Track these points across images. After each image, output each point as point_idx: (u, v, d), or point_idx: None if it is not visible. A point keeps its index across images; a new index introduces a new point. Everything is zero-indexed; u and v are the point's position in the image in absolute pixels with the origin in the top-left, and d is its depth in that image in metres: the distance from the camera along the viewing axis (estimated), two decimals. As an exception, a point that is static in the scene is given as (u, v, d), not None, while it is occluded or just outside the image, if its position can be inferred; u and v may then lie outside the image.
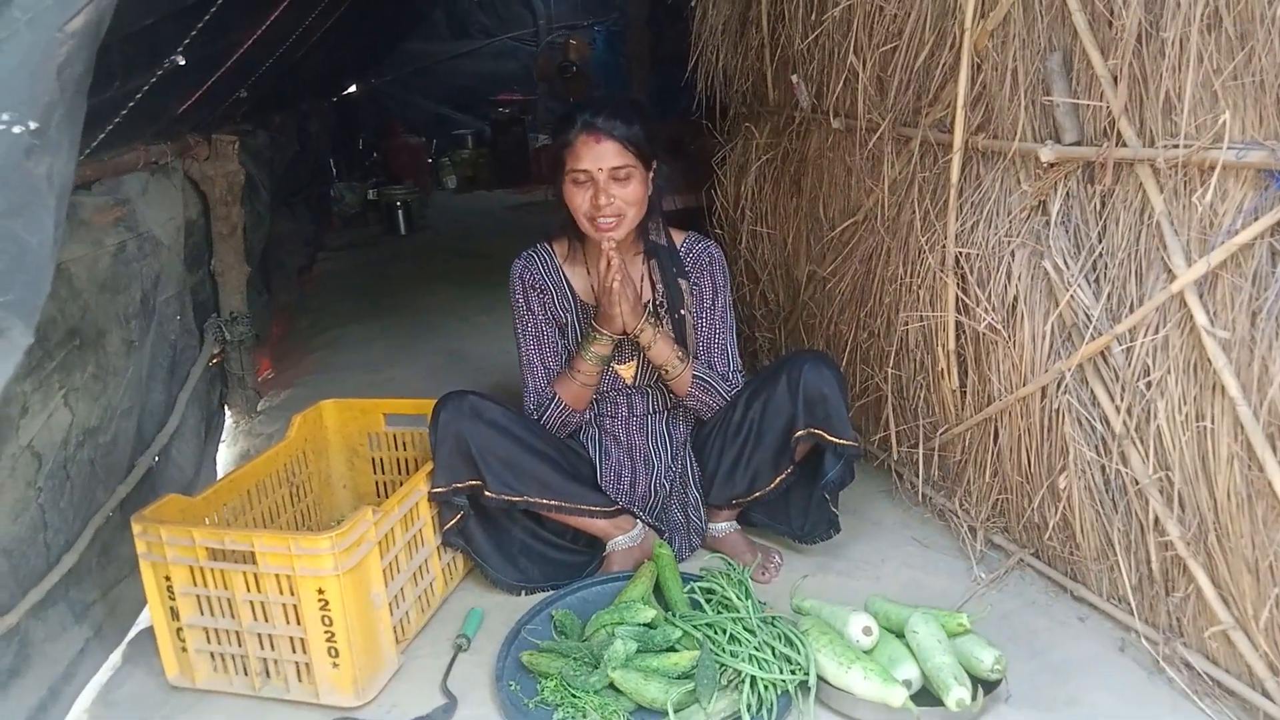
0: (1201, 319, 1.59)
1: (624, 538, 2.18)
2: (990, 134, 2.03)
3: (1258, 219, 1.48)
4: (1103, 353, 1.82)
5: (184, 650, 1.88)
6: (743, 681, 1.70)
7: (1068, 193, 1.87)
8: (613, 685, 1.74)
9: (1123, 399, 1.78)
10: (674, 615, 1.88)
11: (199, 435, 2.68)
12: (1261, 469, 1.52)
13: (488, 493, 2.03)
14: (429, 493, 2.04)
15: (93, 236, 2.05)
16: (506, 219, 7.24)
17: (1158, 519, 1.74)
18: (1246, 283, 1.52)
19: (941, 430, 2.30)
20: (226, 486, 2.07)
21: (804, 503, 2.21)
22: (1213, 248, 1.56)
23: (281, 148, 4.47)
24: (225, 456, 3.07)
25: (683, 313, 2.16)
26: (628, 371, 2.20)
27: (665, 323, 2.15)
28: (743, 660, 1.72)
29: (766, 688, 1.68)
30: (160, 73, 1.94)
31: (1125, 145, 1.70)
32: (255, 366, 3.44)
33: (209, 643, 1.87)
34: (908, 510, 2.47)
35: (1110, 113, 1.72)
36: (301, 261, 5.24)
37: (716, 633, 1.80)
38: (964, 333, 2.18)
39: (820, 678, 1.71)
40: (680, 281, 2.17)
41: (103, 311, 2.03)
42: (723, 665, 1.73)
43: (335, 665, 1.78)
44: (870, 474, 2.63)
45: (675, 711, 1.67)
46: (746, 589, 1.91)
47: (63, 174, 1.00)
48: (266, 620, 1.80)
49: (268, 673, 1.86)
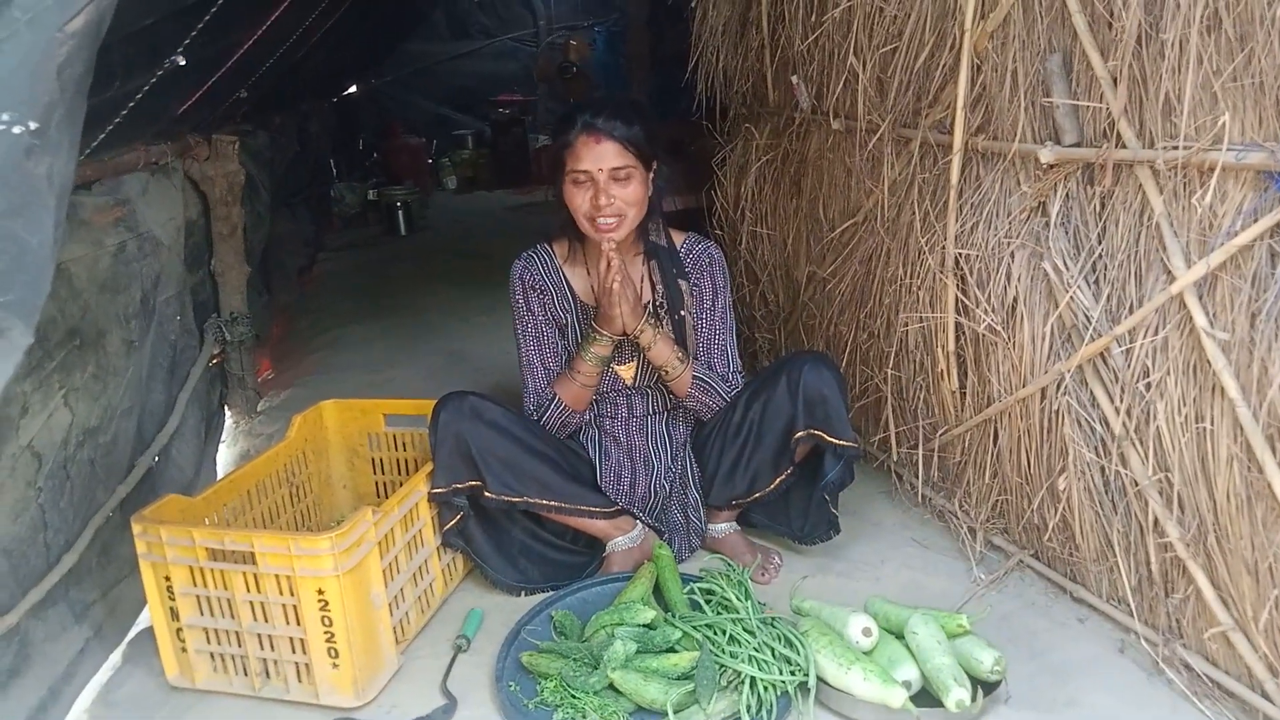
0: (1201, 320, 1.59)
1: (624, 538, 2.18)
2: (990, 135, 2.03)
3: (1257, 220, 1.48)
4: (1102, 354, 1.82)
5: (184, 650, 1.88)
6: (742, 682, 1.70)
7: (1067, 194, 1.87)
8: (612, 686, 1.74)
9: (1122, 400, 1.78)
10: (674, 616, 1.89)
11: (199, 435, 2.68)
12: (1261, 470, 1.52)
13: (488, 493, 2.03)
14: (429, 493, 2.05)
15: (93, 236, 2.05)
16: (507, 219, 7.24)
17: (1157, 520, 1.74)
18: (1246, 284, 1.52)
19: (941, 431, 2.30)
20: (226, 487, 2.07)
21: (804, 504, 2.21)
22: (1212, 249, 1.56)
23: (282, 148, 4.47)
24: (225, 457, 3.07)
25: (683, 314, 2.16)
26: (628, 372, 2.20)
27: (665, 324, 2.15)
28: (742, 661, 1.72)
29: (766, 689, 1.69)
30: (160, 73, 1.94)
31: (1125, 147, 1.70)
32: (255, 367, 3.44)
33: (209, 643, 1.87)
34: (907, 511, 2.47)
35: (1110, 114, 1.72)
36: (302, 262, 5.24)
37: (716, 634, 1.80)
38: (964, 334, 2.18)
39: (820, 679, 1.71)
40: (680, 282, 2.17)
41: (103, 311, 2.03)
42: (722, 666, 1.73)
43: (335, 666, 1.78)
44: (870, 475, 2.63)
45: (675, 712, 1.67)
46: (746, 590, 1.91)
47: (63, 174, 1.00)
48: (266, 621, 1.80)
49: (267, 673, 1.86)
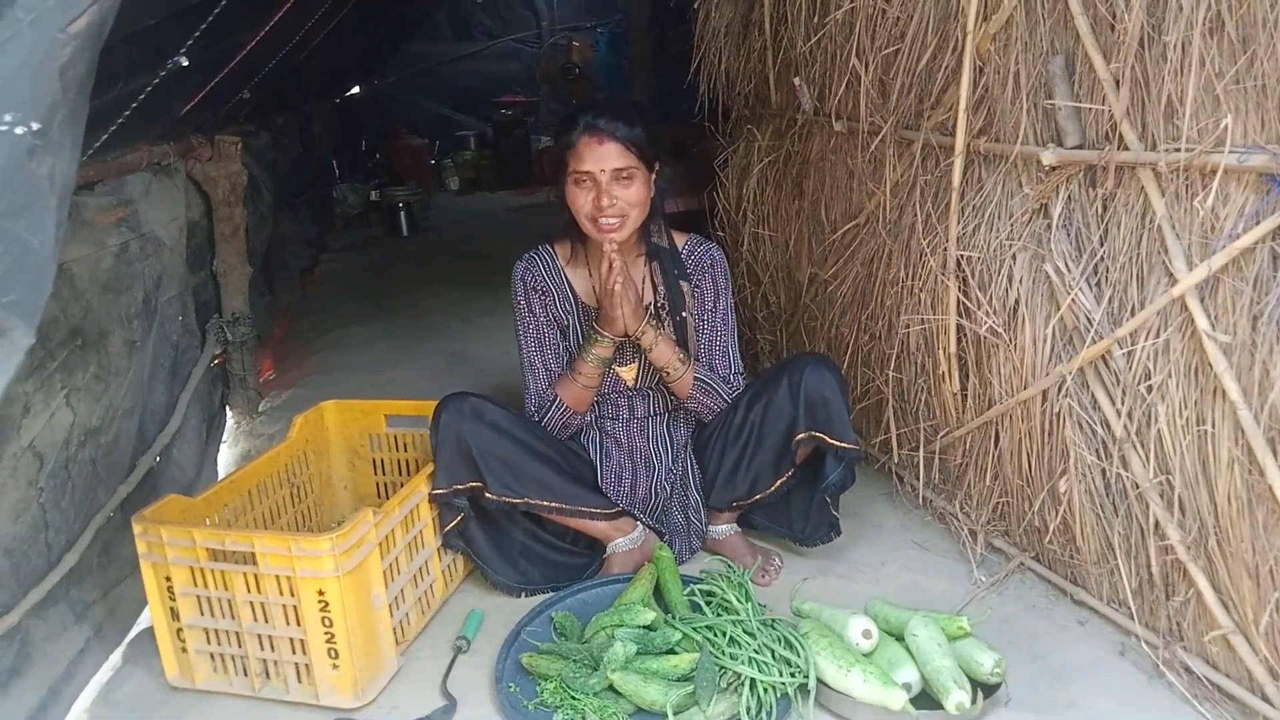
0: (1202, 323, 1.59)
1: (624, 540, 2.18)
2: (992, 137, 2.03)
3: (1259, 223, 1.48)
4: (1104, 356, 1.82)
5: (184, 651, 1.88)
6: (742, 684, 1.70)
7: (1069, 196, 1.87)
8: (612, 687, 1.74)
9: (1123, 403, 1.78)
10: (674, 617, 1.88)
11: (200, 436, 2.68)
12: (1262, 473, 1.52)
13: (488, 494, 2.03)
14: (429, 494, 2.05)
15: (95, 237, 2.05)
16: (509, 220, 7.24)
17: (1158, 523, 1.74)
18: (1248, 287, 1.52)
19: (942, 433, 2.30)
20: (227, 487, 2.07)
21: (804, 505, 2.21)
22: (1214, 251, 1.56)
23: (284, 149, 4.47)
24: (226, 457, 3.07)
25: (684, 315, 2.16)
26: (629, 374, 2.20)
27: (667, 325, 2.15)
28: (742, 663, 1.72)
29: (766, 690, 1.68)
30: (163, 74, 1.94)
31: (1127, 149, 1.70)
32: (257, 367, 3.44)
33: (209, 643, 1.87)
34: (908, 513, 2.47)
35: (1112, 116, 1.72)
36: (304, 262, 5.24)
37: (716, 635, 1.80)
38: (965, 336, 2.18)
39: (820, 680, 1.71)
40: (682, 284, 2.17)
41: (105, 312, 2.03)
42: (722, 668, 1.73)
43: (335, 666, 1.78)
44: (871, 477, 2.63)
45: (675, 714, 1.67)
46: (746, 591, 1.91)
47: (65, 174, 1.00)
48: (266, 621, 1.80)
49: (267, 674, 1.86)
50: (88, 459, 1.93)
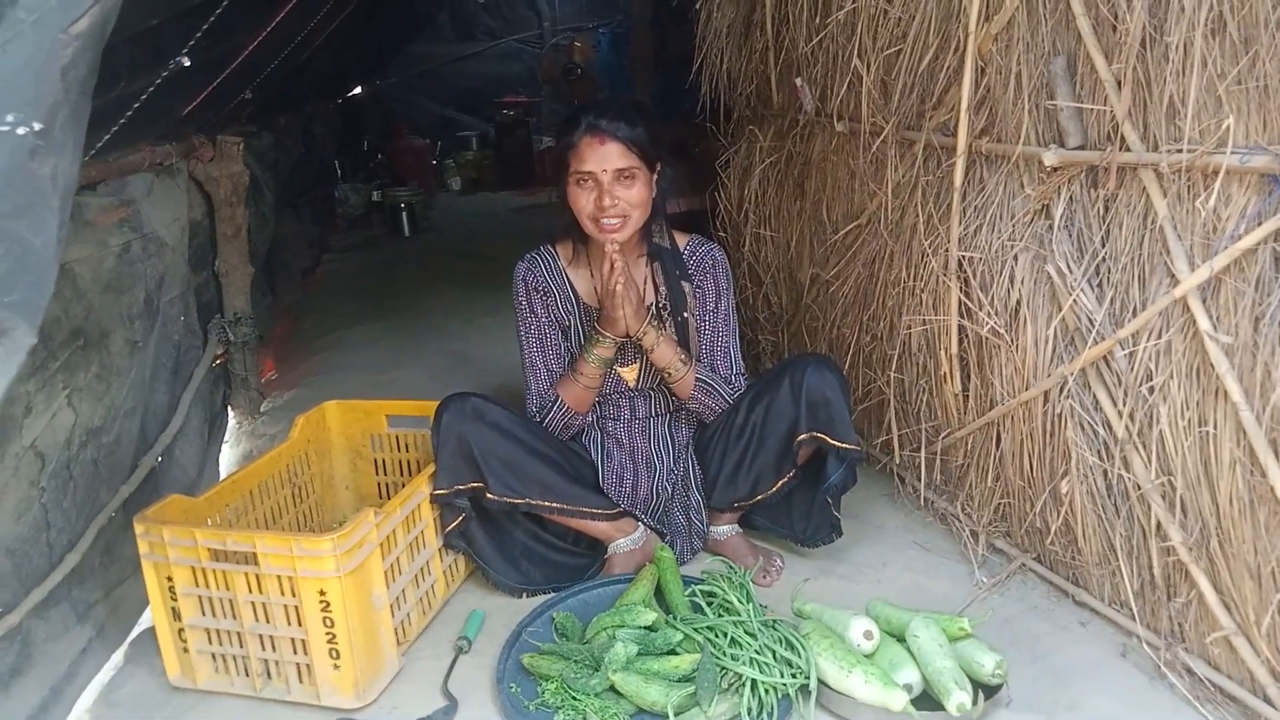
0: (1204, 324, 1.59)
1: (625, 540, 2.18)
2: (994, 138, 2.03)
3: (1261, 224, 1.48)
4: (1105, 357, 1.82)
5: (185, 651, 1.88)
6: (743, 685, 1.70)
7: (1071, 197, 1.87)
8: (613, 688, 1.74)
9: (1125, 404, 1.78)
10: (675, 618, 1.88)
11: (202, 436, 2.68)
12: (1264, 474, 1.52)
13: (489, 495, 2.03)
14: (431, 495, 2.05)
15: (97, 237, 2.05)
16: (510, 221, 7.25)
17: (1160, 524, 1.74)
18: (1249, 288, 1.52)
19: (944, 434, 2.30)
20: (229, 487, 2.07)
21: (806, 506, 2.21)
22: (1216, 253, 1.55)
23: (286, 149, 4.48)
24: (228, 457, 3.07)
25: (685, 316, 2.16)
26: (630, 374, 2.20)
27: (668, 325, 2.14)
28: (744, 663, 1.72)
29: (767, 691, 1.68)
30: (165, 74, 1.94)
31: (1129, 150, 1.70)
32: (259, 367, 3.44)
33: (210, 643, 1.87)
34: (910, 514, 2.47)
35: (1114, 117, 1.72)
36: (306, 263, 5.24)
37: (717, 636, 1.80)
38: (967, 337, 2.18)
39: (821, 681, 1.71)
40: (683, 284, 2.17)
41: (107, 312, 2.03)
42: (723, 668, 1.72)
43: (336, 667, 1.78)
44: (872, 478, 2.63)
45: (676, 714, 1.67)
46: (748, 592, 1.90)
47: (67, 175, 1.00)
48: (268, 621, 1.80)
49: (269, 674, 1.86)
50: (89, 459, 1.93)
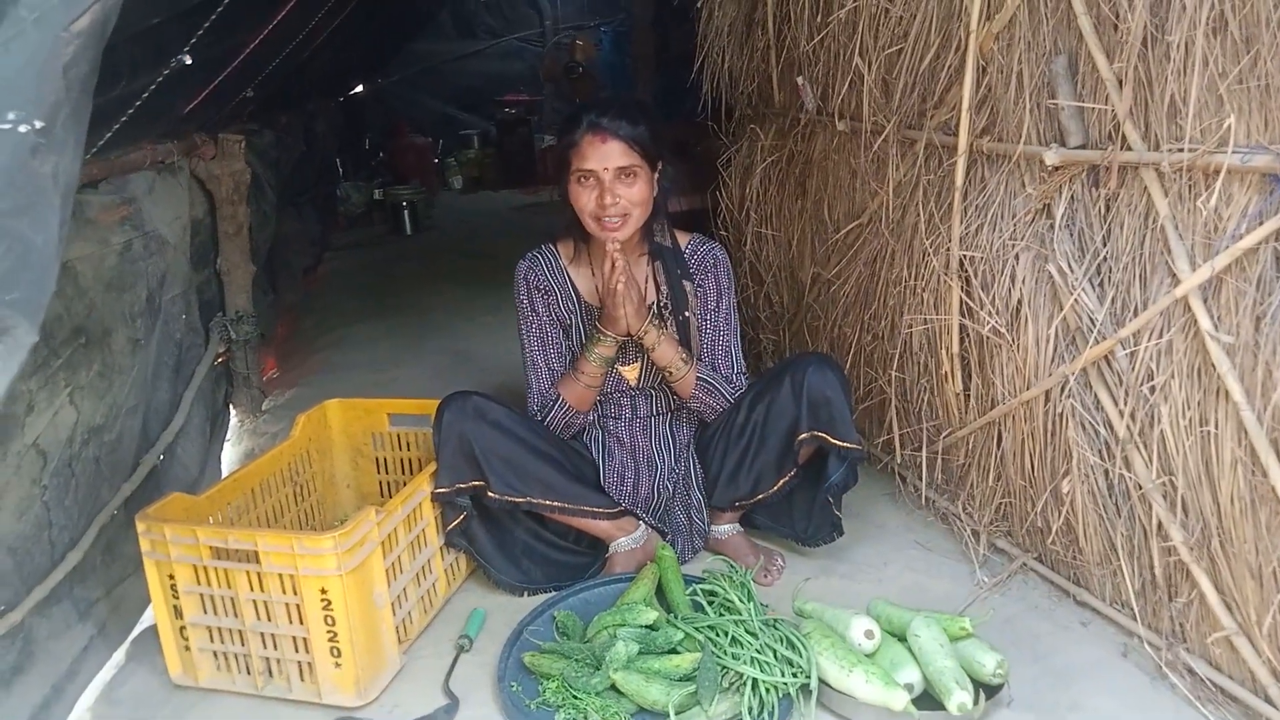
0: (1205, 323, 1.58)
1: (626, 539, 2.18)
2: (995, 137, 2.02)
3: (1262, 223, 1.48)
4: (1106, 357, 1.82)
5: (187, 649, 1.89)
6: (744, 684, 1.70)
7: (1072, 196, 1.87)
8: (614, 687, 1.74)
9: (1126, 403, 1.78)
10: (676, 617, 1.88)
11: (204, 434, 2.69)
12: (1265, 474, 1.52)
13: (491, 493, 2.03)
14: (432, 493, 2.05)
15: (99, 235, 2.05)
16: (512, 219, 7.25)
17: (1161, 524, 1.74)
18: (1251, 287, 1.52)
19: (945, 434, 2.30)
20: (230, 485, 2.08)
21: (807, 505, 2.21)
22: (1217, 252, 1.55)
23: (288, 147, 4.48)
24: (230, 455, 3.08)
25: (687, 315, 2.16)
26: (631, 373, 2.20)
27: (669, 325, 2.14)
28: (744, 663, 1.72)
29: (768, 690, 1.68)
30: (167, 72, 1.95)
31: (1130, 149, 1.70)
32: (260, 366, 3.44)
33: (212, 641, 1.87)
34: (911, 514, 2.47)
35: (1115, 116, 1.72)
36: (307, 261, 5.25)
37: (718, 635, 1.80)
38: (968, 336, 2.18)
39: (822, 681, 1.71)
40: (684, 283, 2.17)
41: (108, 310, 2.03)
42: (724, 668, 1.72)
43: (338, 665, 1.78)
44: (873, 477, 2.63)
45: (677, 713, 1.67)
46: (749, 591, 1.90)
47: (68, 173, 1.00)
48: (269, 619, 1.80)
49: (270, 672, 1.86)
50: (91, 457, 1.93)
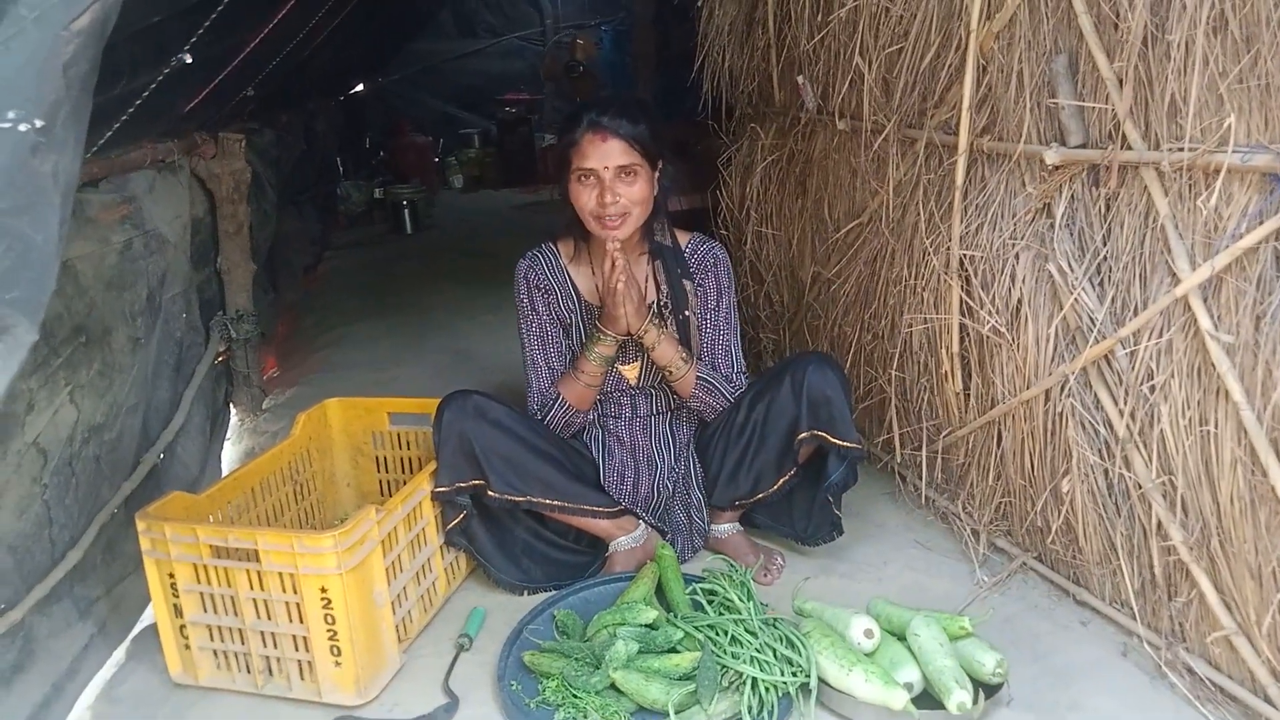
0: (1205, 323, 1.58)
1: (626, 538, 2.18)
2: (995, 136, 2.02)
3: (1262, 223, 1.48)
4: (1106, 356, 1.82)
5: (187, 647, 1.89)
6: (744, 683, 1.70)
7: (1072, 195, 1.87)
8: (614, 686, 1.74)
9: (1126, 403, 1.78)
10: (676, 616, 1.89)
11: (204, 433, 2.69)
12: (1265, 474, 1.52)
13: (491, 492, 2.04)
14: (432, 492, 2.05)
15: (99, 234, 2.05)
16: (512, 218, 7.25)
17: (1160, 523, 1.74)
18: (1251, 287, 1.52)
19: (945, 433, 2.30)
20: (231, 484, 2.08)
21: (807, 505, 2.21)
22: (1217, 251, 1.55)
23: (288, 146, 4.48)
24: (230, 454, 3.08)
25: (687, 314, 2.16)
26: (631, 372, 2.20)
27: (669, 324, 2.14)
28: (744, 662, 1.72)
29: (768, 689, 1.68)
30: (167, 71, 1.95)
31: (1130, 148, 1.70)
32: (260, 364, 3.45)
33: (212, 640, 1.87)
34: (911, 513, 2.47)
35: (1115, 115, 1.72)
36: (307, 260, 5.25)
37: (718, 634, 1.80)
38: (968, 335, 2.18)
39: (821, 680, 1.71)
40: (685, 283, 2.17)
41: (109, 309, 2.04)
42: (724, 667, 1.73)
43: (337, 664, 1.78)
44: (873, 476, 2.63)
45: (676, 712, 1.67)
46: (748, 590, 1.90)
47: (68, 172, 1.00)
48: (269, 618, 1.80)
49: (270, 670, 1.86)
50: (91, 456, 1.93)
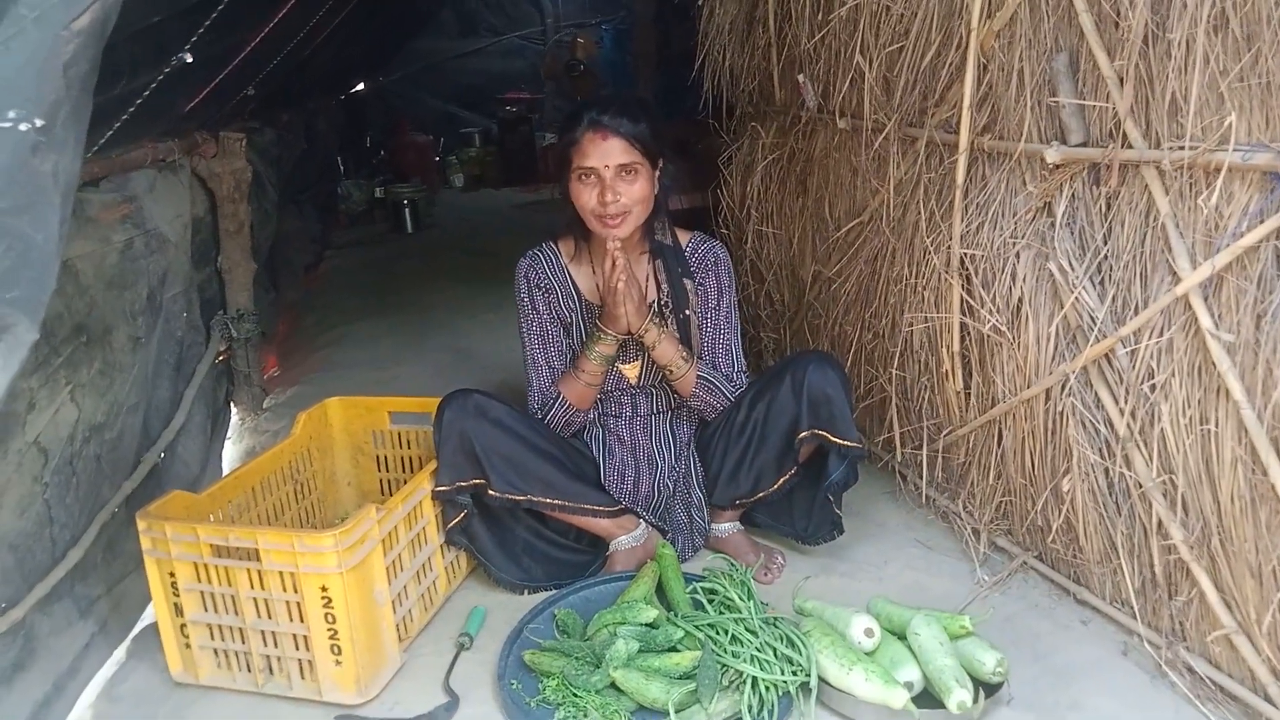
0: (1206, 322, 1.58)
1: (627, 537, 2.18)
2: (996, 135, 2.02)
3: (1263, 221, 1.48)
4: (1107, 355, 1.82)
5: (188, 646, 1.89)
6: (744, 682, 1.70)
7: (1073, 194, 1.87)
8: (614, 685, 1.74)
9: (1127, 402, 1.77)
10: (676, 615, 1.89)
11: (205, 432, 2.69)
12: (1265, 473, 1.51)
13: (491, 491, 2.04)
14: (433, 491, 2.05)
15: (100, 233, 2.06)
16: (513, 217, 7.25)
17: (1161, 522, 1.74)
18: (1251, 285, 1.52)
19: (945, 432, 2.30)
20: (231, 483, 2.08)
21: (807, 504, 2.21)
22: (1218, 250, 1.55)
23: (289, 145, 4.48)
24: (230, 453, 3.08)
25: (687, 313, 2.16)
26: (632, 371, 2.20)
27: (670, 323, 2.14)
28: (744, 661, 1.72)
29: (768, 689, 1.68)
30: (167, 70, 1.95)
31: (1131, 147, 1.70)
32: (261, 364, 3.45)
33: (213, 639, 1.87)
34: (911, 512, 2.47)
35: (1116, 114, 1.72)
36: (308, 259, 5.25)
37: (718, 633, 1.80)
38: (969, 334, 2.18)
39: (822, 679, 1.71)
40: (685, 281, 2.17)
41: (109, 308, 2.04)
42: (724, 666, 1.73)
43: (338, 663, 1.78)
44: (874, 475, 2.63)
45: (677, 712, 1.67)
46: (749, 590, 1.91)
47: (68, 171, 1.00)
48: (270, 617, 1.81)
49: (271, 669, 1.86)
50: (92, 455, 1.93)
